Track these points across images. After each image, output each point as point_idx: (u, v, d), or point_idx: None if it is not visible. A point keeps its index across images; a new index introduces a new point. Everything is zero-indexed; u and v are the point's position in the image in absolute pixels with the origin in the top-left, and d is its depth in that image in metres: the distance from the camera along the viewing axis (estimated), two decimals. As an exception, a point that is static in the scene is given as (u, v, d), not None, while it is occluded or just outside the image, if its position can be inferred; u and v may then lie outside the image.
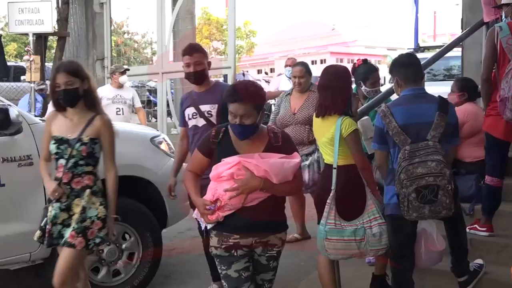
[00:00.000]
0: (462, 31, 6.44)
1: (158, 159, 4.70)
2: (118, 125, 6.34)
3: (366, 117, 4.34)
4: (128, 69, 8.19)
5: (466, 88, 4.94)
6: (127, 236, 4.43)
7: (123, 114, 7.61)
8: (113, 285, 4.37)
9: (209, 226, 2.95)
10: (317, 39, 60.37)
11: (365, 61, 4.94)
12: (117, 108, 7.54)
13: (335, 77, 3.68)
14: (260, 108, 2.90)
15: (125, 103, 7.67)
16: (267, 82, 25.13)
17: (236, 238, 2.89)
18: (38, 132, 3.89)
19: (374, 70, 4.86)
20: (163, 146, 4.83)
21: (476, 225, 4.40)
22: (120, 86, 7.74)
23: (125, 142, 4.53)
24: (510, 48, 4.06)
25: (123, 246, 4.38)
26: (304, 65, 5.60)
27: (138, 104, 8.02)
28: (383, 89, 5.08)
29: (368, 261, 4.52)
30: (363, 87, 4.68)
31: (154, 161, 4.65)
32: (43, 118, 4.67)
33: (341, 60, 50.22)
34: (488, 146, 4.39)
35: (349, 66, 4.46)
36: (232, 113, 2.86)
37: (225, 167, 2.83)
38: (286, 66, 8.96)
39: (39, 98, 10.28)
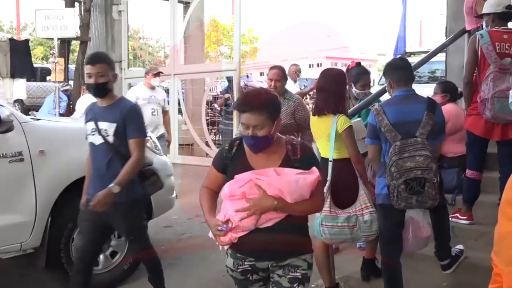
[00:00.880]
0: (446, 38, 6.42)
1: None
2: None
3: (358, 118, 4.28)
4: (162, 72, 7.57)
5: (448, 90, 4.96)
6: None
7: (157, 114, 7.17)
8: (116, 265, 4.28)
9: (225, 248, 2.50)
10: (314, 44, 60.16)
11: (358, 64, 4.75)
12: (152, 109, 7.08)
13: (331, 79, 3.67)
14: (274, 117, 2.39)
15: (158, 104, 7.22)
16: (268, 83, 25.07)
17: (251, 260, 2.42)
18: (29, 130, 3.83)
19: (364, 73, 4.69)
20: (148, 144, 4.55)
21: (457, 214, 4.39)
22: (153, 87, 7.26)
23: None
24: (490, 54, 4.04)
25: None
26: (281, 68, 4.87)
27: (166, 107, 7.55)
28: (373, 90, 5.02)
29: (359, 246, 4.51)
30: (353, 89, 4.55)
31: None
32: (36, 117, 4.58)
33: (336, 64, 49.97)
34: (469, 142, 4.39)
35: (344, 69, 4.41)
36: (244, 124, 2.37)
37: (237, 184, 2.37)
38: (294, 72, 8.79)
39: (64, 97, 10.31)
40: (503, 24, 4.24)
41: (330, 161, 3.55)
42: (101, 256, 4.19)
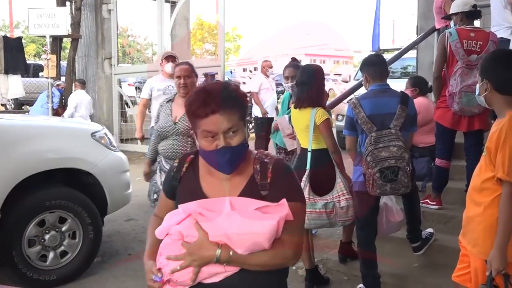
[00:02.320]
0: (417, 36, 6.46)
1: (98, 152, 4.24)
2: (61, 121, 5.88)
3: (284, 115, 4.29)
4: (175, 56, 6.04)
5: (418, 84, 5.00)
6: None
7: None
8: (65, 264, 3.98)
9: None
10: (294, 42, 60.21)
11: (293, 59, 4.87)
12: None
13: (311, 74, 3.66)
14: (245, 116, 1.64)
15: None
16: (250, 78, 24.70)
17: None
18: None
19: (288, 66, 4.60)
20: (104, 141, 4.34)
21: (427, 200, 4.43)
22: (171, 76, 5.72)
23: (66, 137, 4.24)
24: (458, 50, 4.06)
25: (63, 228, 3.95)
26: (189, 64, 3.95)
27: None
28: (349, 85, 5.06)
29: (314, 233, 4.46)
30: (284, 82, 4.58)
31: (94, 154, 4.19)
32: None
33: (314, 60, 50.18)
34: (438, 133, 4.42)
35: (322, 65, 4.42)
36: (210, 132, 1.56)
37: (175, 219, 1.60)
38: (266, 67, 8.27)
39: (56, 92, 10.17)
40: (470, 23, 4.27)
41: (309, 151, 3.55)
42: (51, 254, 3.91)
